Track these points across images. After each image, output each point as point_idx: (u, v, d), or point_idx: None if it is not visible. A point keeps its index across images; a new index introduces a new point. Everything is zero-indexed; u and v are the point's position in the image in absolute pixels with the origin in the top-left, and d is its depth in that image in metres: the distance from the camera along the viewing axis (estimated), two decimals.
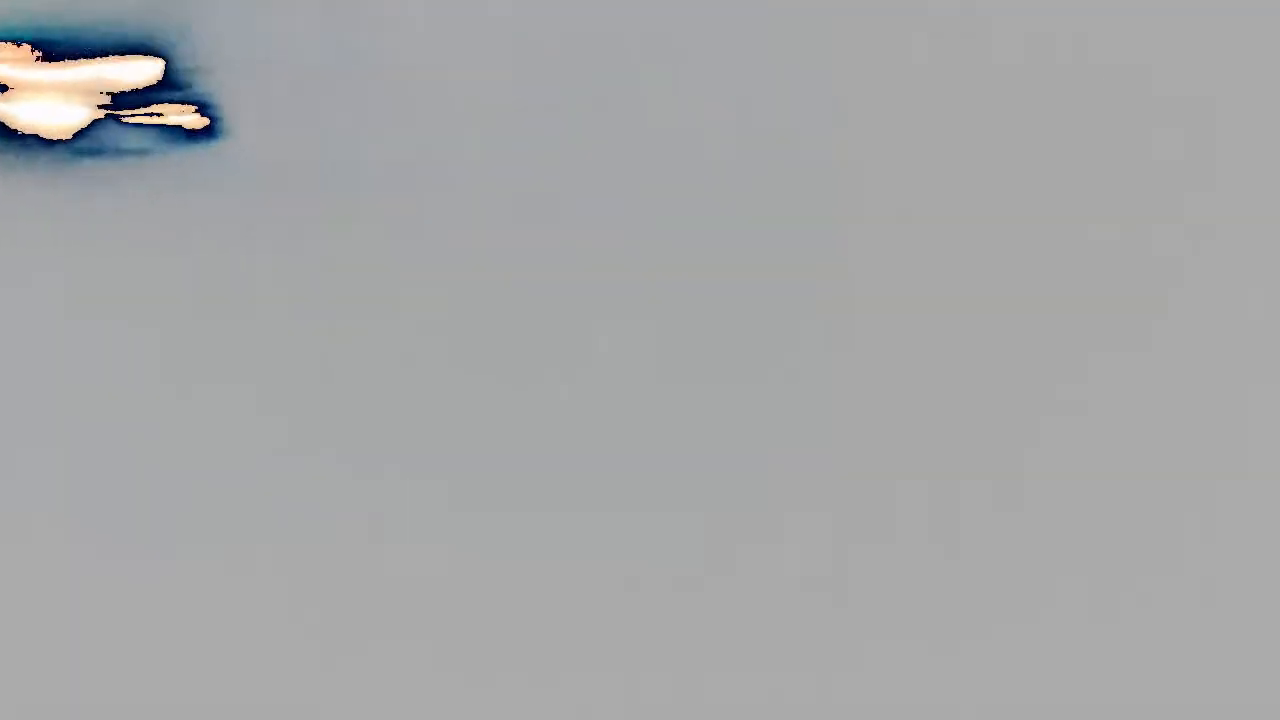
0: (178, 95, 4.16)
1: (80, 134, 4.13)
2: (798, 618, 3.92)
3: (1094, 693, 3.88)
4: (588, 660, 3.97)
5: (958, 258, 3.98)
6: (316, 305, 4.09)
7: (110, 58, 4.16)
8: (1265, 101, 4.00)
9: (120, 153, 4.13)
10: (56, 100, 4.14)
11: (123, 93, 4.16)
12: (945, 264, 3.99)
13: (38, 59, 4.14)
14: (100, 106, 4.14)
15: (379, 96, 4.16)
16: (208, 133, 4.14)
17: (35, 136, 4.12)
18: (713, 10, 4.03)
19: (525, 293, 4.07)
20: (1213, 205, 3.94)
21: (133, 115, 4.15)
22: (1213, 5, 4.00)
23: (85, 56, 4.16)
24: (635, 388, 4.03)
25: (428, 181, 4.14)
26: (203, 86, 4.17)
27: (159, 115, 4.14)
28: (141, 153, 4.14)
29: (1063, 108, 3.97)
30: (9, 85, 4.14)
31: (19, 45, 4.14)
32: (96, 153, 4.13)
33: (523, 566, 4.01)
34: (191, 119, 4.14)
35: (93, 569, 3.97)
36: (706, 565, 3.95)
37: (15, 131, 4.13)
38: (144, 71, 4.16)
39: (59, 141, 4.13)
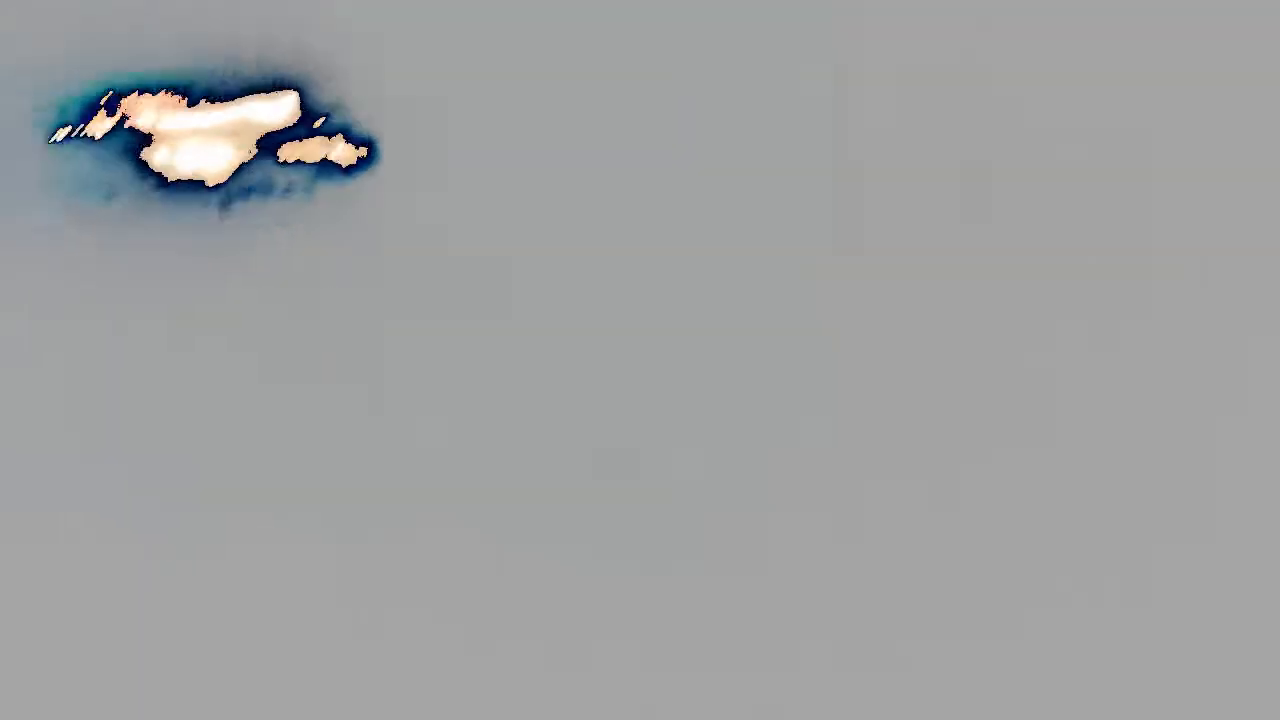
0: (326, 129, 4.09)
1: (235, 175, 4.08)
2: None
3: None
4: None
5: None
6: (485, 323, 4.01)
7: (252, 98, 4.11)
8: None
9: (278, 191, 4.07)
10: (207, 145, 4.09)
11: (272, 132, 4.10)
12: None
13: (184, 106, 4.09)
14: (253, 146, 4.09)
15: (517, 101, 4.07)
16: (363, 163, 4.07)
17: (191, 182, 4.07)
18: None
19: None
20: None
21: (286, 153, 4.08)
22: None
23: (227, 100, 4.10)
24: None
25: (593, 186, 4.04)
26: (348, 118, 4.09)
27: (312, 150, 4.07)
28: (299, 189, 4.07)
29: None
30: (158, 134, 4.09)
31: (164, 94, 4.09)
32: (254, 193, 4.07)
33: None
34: (345, 151, 4.07)
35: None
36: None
37: (170, 179, 4.08)
38: (287, 109, 4.10)
39: (216, 185, 4.07)
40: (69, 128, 4.10)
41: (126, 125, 4.11)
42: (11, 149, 4.09)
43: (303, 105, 4.11)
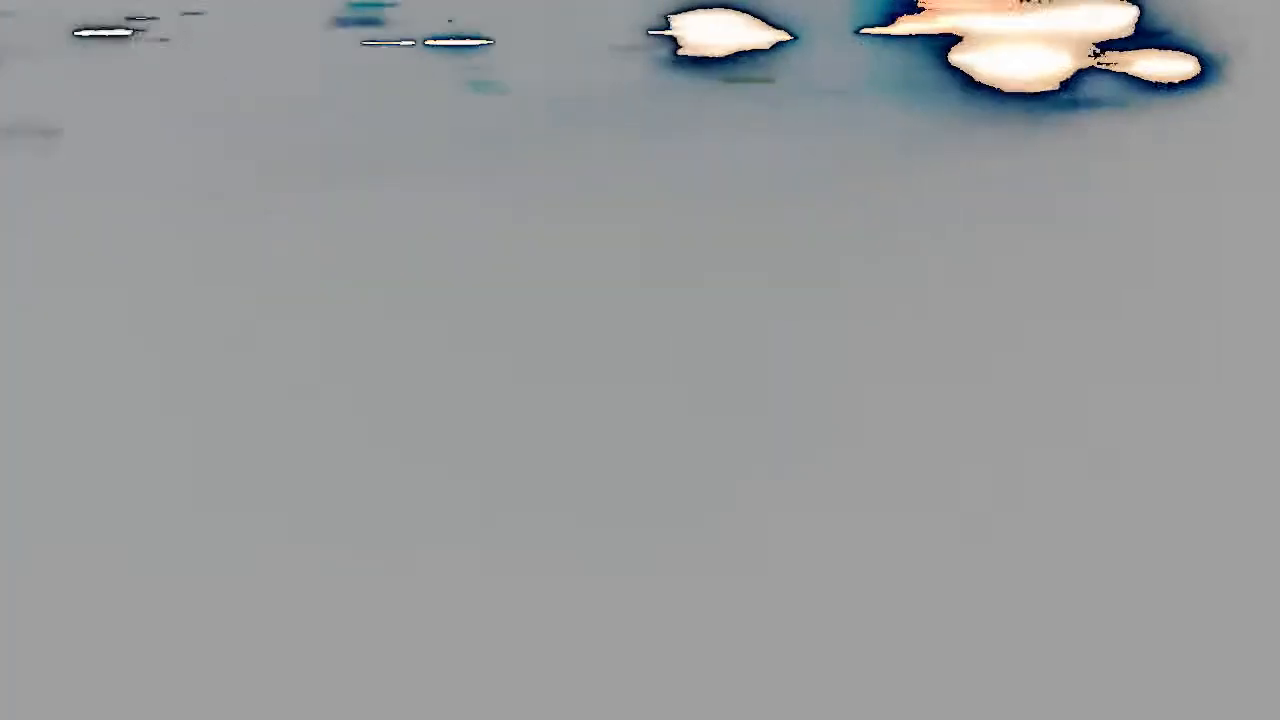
0: (1157, 42, 3.84)
1: (1062, 85, 3.88)
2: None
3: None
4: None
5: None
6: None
7: (1085, 5, 3.89)
8: None
9: (1099, 104, 3.86)
10: (1023, 50, 3.91)
11: (1101, 42, 3.88)
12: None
13: (1003, 7, 3.92)
14: (1087, 54, 3.88)
15: None
16: (1193, 82, 3.80)
17: (1003, 90, 3.91)
18: None
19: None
20: None
21: (1113, 64, 3.86)
22: None
23: (1060, 4, 3.90)
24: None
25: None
26: (1185, 34, 3.83)
27: (1139, 64, 3.84)
28: (1122, 104, 3.84)
29: None
30: (968, 35, 3.94)
31: None
32: (1075, 105, 3.87)
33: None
34: (1175, 68, 3.81)
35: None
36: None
37: (982, 83, 3.92)
38: (1121, 19, 3.86)
39: (1037, 93, 3.89)
40: (875, 24, 3.99)
41: (934, 26, 3.97)
42: (817, 40, 4.01)
43: (1141, 19, 3.87)
